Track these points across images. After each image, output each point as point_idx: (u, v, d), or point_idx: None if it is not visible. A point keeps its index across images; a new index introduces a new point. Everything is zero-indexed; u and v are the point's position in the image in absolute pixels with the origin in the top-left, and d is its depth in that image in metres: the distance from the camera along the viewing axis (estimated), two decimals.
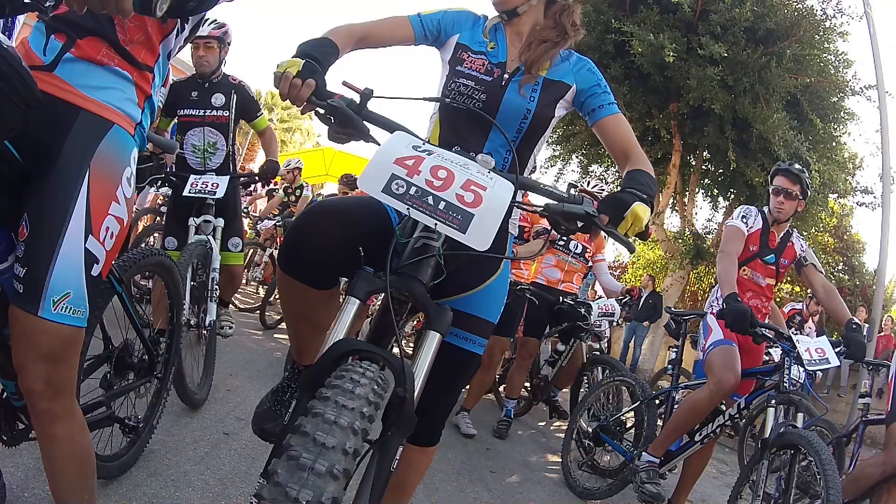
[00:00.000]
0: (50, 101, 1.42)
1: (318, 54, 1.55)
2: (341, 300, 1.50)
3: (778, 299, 14.33)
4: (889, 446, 3.34)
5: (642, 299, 11.70)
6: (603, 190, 5.77)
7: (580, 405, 4.43)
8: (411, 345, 6.11)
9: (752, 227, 3.65)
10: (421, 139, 1.47)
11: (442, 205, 1.31)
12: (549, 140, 12.75)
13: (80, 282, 1.41)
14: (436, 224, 1.31)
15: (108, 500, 2.18)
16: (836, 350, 3.24)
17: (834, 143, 11.36)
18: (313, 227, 1.64)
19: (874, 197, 13.53)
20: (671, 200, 13.11)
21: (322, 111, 1.48)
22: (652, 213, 1.54)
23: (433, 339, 1.42)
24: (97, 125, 1.48)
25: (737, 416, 3.33)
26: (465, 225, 1.30)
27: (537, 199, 1.74)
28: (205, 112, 4.04)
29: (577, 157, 13.30)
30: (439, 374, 1.59)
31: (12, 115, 1.27)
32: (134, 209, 1.65)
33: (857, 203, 14.27)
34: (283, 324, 6.43)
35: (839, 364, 3.29)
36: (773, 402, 3.11)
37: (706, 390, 3.30)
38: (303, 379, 1.32)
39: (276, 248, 8.28)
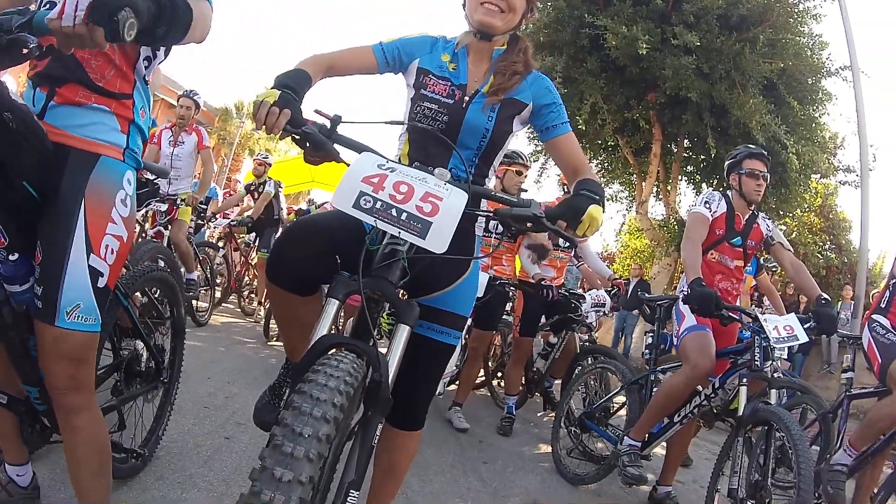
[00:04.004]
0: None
1: (294, 84, 1.71)
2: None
3: (779, 277, 14.55)
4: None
5: (630, 288, 11.89)
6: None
7: (565, 393, 4.58)
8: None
9: (716, 212, 3.77)
10: (385, 158, 1.65)
11: (404, 216, 1.50)
12: (530, 136, 12.93)
13: (89, 293, 1.65)
14: (399, 232, 1.50)
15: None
16: (806, 326, 3.39)
17: (813, 125, 11.60)
18: (294, 242, 1.86)
19: (856, 175, 13.79)
20: (654, 189, 13.30)
21: (297, 137, 1.64)
22: (603, 211, 1.71)
23: (403, 331, 1.62)
24: (86, 159, 1.70)
25: (712, 395, 3.47)
26: (424, 232, 1.49)
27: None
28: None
29: None
30: (419, 364, 1.82)
31: (30, 160, 1.56)
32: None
33: (839, 182, 14.54)
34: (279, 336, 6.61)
35: (808, 340, 3.40)
36: (745, 380, 3.26)
37: (682, 375, 3.45)
38: (292, 372, 1.57)
39: (233, 249, 8.38)
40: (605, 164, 14.30)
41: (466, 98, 2.00)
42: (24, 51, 1.34)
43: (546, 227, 1.68)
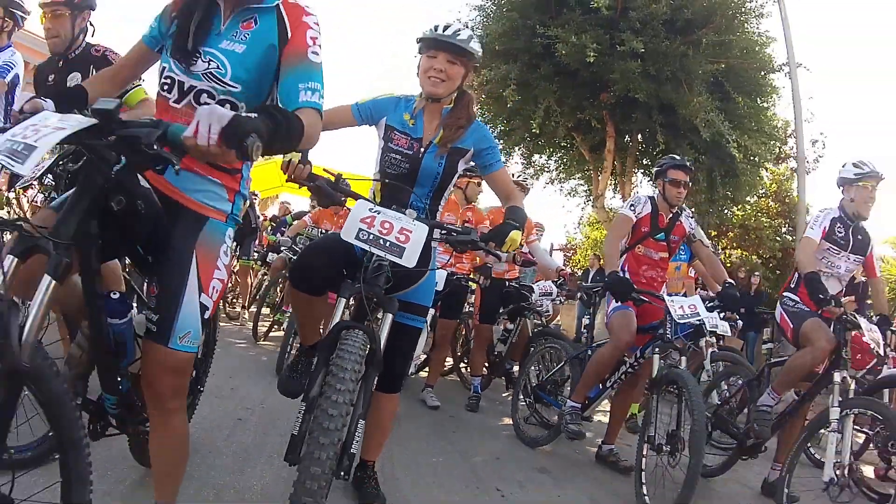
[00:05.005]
0: (162, 199, 1.97)
1: None
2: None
3: (728, 264, 15.38)
4: (811, 340, 3.96)
5: (590, 277, 12.68)
6: (527, 179, 6.72)
7: (521, 369, 5.34)
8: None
9: (640, 213, 4.48)
10: (374, 203, 2.41)
11: (388, 243, 2.27)
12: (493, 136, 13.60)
13: (197, 324, 1.99)
14: (385, 254, 2.27)
15: None
16: (710, 305, 4.20)
17: (762, 117, 12.23)
18: (311, 259, 2.66)
19: (807, 162, 14.67)
20: (610, 182, 14.00)
21: (313, 187, 2.40)
22: (522, 234, 2.48)
23: (387, 318, 2.45)
24: (196, 219, 2.05)
25: (635, 364, 4.23)
26: (401, 253, 2.27)
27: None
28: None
29: (518, 149, 14.23)
30: (396, 343, 2.58)
31: (146, 229, 1.90)
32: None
33: (792, 169, 15.39)
34: (267, 336, 7.27)
35: (709, 316, 4.11)
36: (658, 349, 4.02)
37: (609, 347, 4.22)
38: (320, 349, 2.30)
39: None
40: (563, 161, 14.97)
41: (422, 149, 2.78)
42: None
43: (481, 247, 2.46)
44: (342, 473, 2.14)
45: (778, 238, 17.28)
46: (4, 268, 1.58)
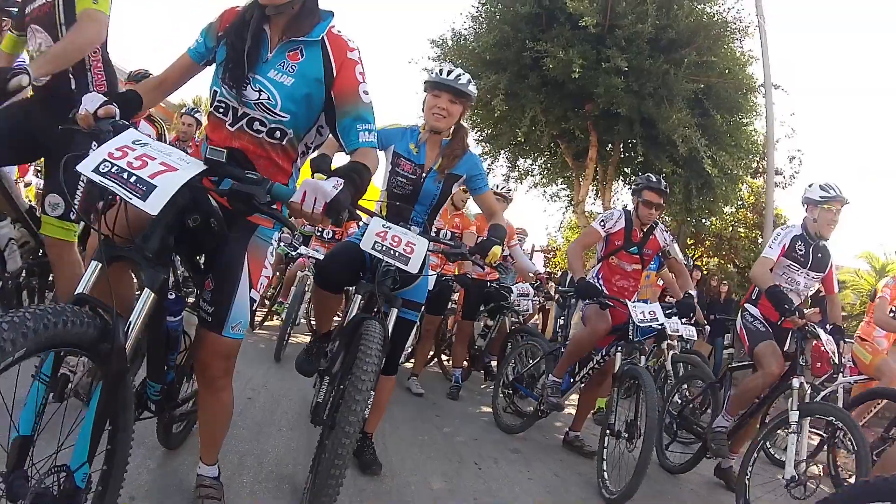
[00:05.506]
0: (222, 210, 2.12)
1: (325, 165, 2.85)
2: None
3: (706, 271, 15.90)
4: (762, 365, 4.24)
5: (567, 280, 13.22)
6: (510, 191, 7.37)
7: (503, 363, 5.89)
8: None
9: (612, 229, 4.87)
10: (386, 221, 2.93)
11: (397, 254, 2.78)
12: (477, 139, 14.14)
13: (246, 315, 2.29)
14: (395, 262, 2.78)
15: (182, 449, 3.18)
16: (668, 311, 4.65)
17: (740, 133, 12.71)
18: (334, 265, 3.20)
19: (783, 177, 15.35)
20: (591, 189, 14.51)
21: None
22: (503, 248, 3.01)
23: (393, 311, 3.00)
24: (248, 227, 2.29)
25: (601, 360, 4.72)
26: (407, 262, 2.78)
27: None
28: (29, 7, 3.10)
29: (504, 153, 14.64)
30: (394, 333, 3.08)
31: (213, 242, 2.15)
32: None
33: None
34: (262, 325, 7.88)
35: (668, 322, 4.61)
36: (620, 349, 4.53)
37: (587, 332, 4.72)
38: (341, 335, 2.86)
39: None
40: (547, 166, 15.46)
41: (424, 174, 3.33)
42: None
43: (469, 258, 3.02)
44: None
45: (754, 248, 17.81)
46: (90, 274, 1.79)
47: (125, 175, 1.68)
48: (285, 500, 2.92)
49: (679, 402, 5.32)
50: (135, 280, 2.46)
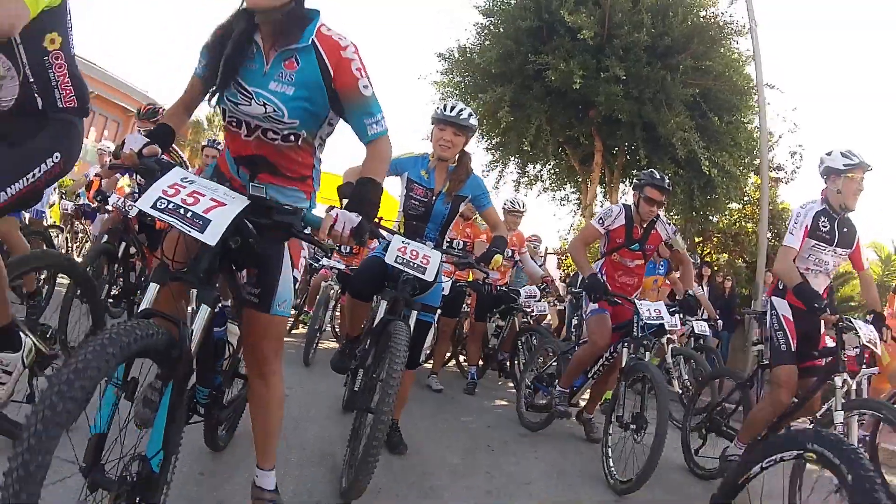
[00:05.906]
0: None
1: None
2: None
3: (716, 267, 16.12)
4: (773, 387, 4.02)
5: (579, 281, 13.64)
6: (523, 205, 7.82)
7: (525, 367, 6.26)
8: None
9: (611, 226, 4.96)
10: (406, 239, 3.45)
11: (416, 265, 3.31)
12: (486, 148, 14.67)
13: (291, 293, 2.42)
14: (415, 273, 3.32)
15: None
16: (672, 309, 4.79)
17: (738, 132, 12.98)
18: (363, 277, 3.75)
19: (785, 172, 15.68)
20: (599, 191, 14.96)
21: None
22: (503, 258, 3.54)
23: (413, 314, 3.52)
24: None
25: (609, 358, 4.93)
26: (425, 272, 3.31)
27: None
28: None
29: (514, 159, 15.01)
30: (414, 332, 3.56)
31: (254, 260, 2.26)
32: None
33: (774, 179, 16.14)
34: (290, 332, 8.47)
35: (671, 320, 4.69)
36: (627, 345, 4.66)
37: (588, 347, 4.93)
38: (372, 334, 3.38)
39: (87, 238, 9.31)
40: (555, 171, 15.90)
41: (434, 197, 3.88)
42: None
43: (476, 267, 3.59)
44: None
45: None
46: (151, 293, 2.01)
47: (181, 211, 1.89)
48: (330, 473, 3.44)
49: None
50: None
